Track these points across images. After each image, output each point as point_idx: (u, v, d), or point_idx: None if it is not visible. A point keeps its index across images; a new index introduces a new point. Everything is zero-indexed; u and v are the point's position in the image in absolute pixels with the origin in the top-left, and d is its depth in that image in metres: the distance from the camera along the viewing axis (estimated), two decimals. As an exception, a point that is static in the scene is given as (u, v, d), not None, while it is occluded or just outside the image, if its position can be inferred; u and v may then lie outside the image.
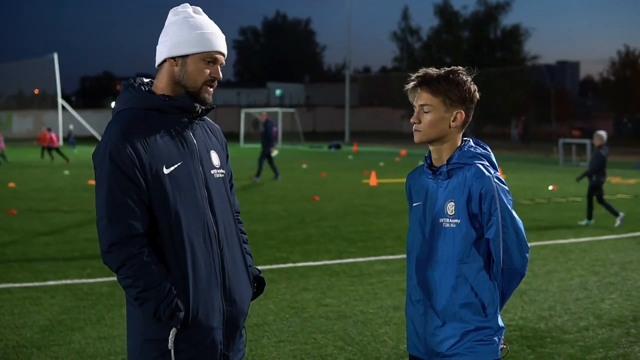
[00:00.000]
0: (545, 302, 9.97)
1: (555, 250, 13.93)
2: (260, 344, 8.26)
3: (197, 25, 3.79)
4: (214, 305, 3.75)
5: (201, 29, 3.78)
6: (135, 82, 3.87)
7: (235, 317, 3.86)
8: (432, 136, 4.01)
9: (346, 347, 8.16)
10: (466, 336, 3.92)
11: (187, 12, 3.84)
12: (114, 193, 3.59)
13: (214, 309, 3.75)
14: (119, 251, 3.59)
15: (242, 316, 3.93)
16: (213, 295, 3.75)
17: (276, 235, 15.99)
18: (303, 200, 22.92)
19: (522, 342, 8.28)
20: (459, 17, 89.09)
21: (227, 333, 3.83)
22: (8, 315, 9.36)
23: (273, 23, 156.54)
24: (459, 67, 4.06)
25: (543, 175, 32.31)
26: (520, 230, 3.92)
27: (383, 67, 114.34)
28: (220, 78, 3.87)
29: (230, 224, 3.92)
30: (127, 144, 3.59)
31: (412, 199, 4.21)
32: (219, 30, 3.86)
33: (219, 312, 3.77)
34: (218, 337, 3.78)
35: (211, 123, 4.09)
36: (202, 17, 3.85)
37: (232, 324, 3.85)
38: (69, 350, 8.02)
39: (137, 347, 3.73)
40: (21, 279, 11.49)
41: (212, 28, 3.83)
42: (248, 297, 3.99)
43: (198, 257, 3.70)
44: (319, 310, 9.67)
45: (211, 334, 3.74)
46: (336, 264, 12.76)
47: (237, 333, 3.91)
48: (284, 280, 11.39)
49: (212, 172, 3.86)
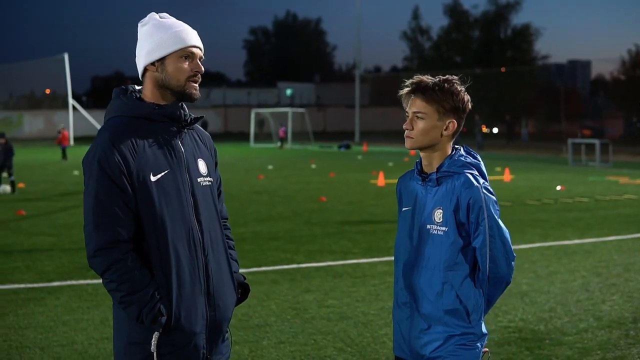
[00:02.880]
0: (546, 304, 10.00)
1: (559, 252, 13.93)
2: (261, 345, 8.32)
3: (167, 27, 3.87)
4: (197, 310, 3.82)
5: (171, 29, 3.86)
6: (127, 90, 3.94)
7: (218, 322, 3.93)
8: (423, 143, 4.07)
9: (346, 349, 8.22)
10: (450, 340, 3.99)
11: (154, 19, 3.93)
12: (101, 199, 3.68)
13: (197, 314, 3.82)
14: (105, 256, 3.67)
15: (226, 321, 4.00)
16: (197, 300, 3.82)
17: (281, 236, 16.06)
18: (310, 200, 22.98)
19: (521, 343, 8.32)
20: (469, 17, 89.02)
21: (210, 338, 3.90)
22: (12, 316, 9.45)
23: (283, 23, 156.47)
24: (454, 77, 4.12)
25: (552, 175, 32.24)
26: (506, 240, 3.98)
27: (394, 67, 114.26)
28: (202, 70, 3.94)
29: (215, 230, 3.99)
30: (116, 151, 3.67)
31: (401, 203, 4.28)
32: (189, 27, 3.94)
33: (202, 317, 3.85)
34: (201, 342, 3.85)
35: (201, 131, 4.15)
36: (169, 19, 3.94)
37: (215, 329, 3.92)
38: (71, 351, 8.11)
39: (121, 350, 3.81)
40: (26, 279, 11.59)
41: (182, 26, 3.91)
42: (232, 302, 4.06)
43: (182, 263, 3.78)
44: (320, 311, 9.73)
45: (194, 339, 3.81)
46: (340, 265, 12.82)
47: (220, 338, 3.98)
48: (287, 282, 11.46)
49: (199, 180, 3.93)
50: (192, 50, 3.89)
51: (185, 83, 3.87)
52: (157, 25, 3.88)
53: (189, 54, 3.88)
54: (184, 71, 3.86)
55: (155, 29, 3.87)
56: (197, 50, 3.91)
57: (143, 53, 3.89)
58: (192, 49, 3.89)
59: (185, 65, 3.86)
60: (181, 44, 3.85)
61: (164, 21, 3.91)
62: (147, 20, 3.95)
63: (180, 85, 3.87)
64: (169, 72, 3.85)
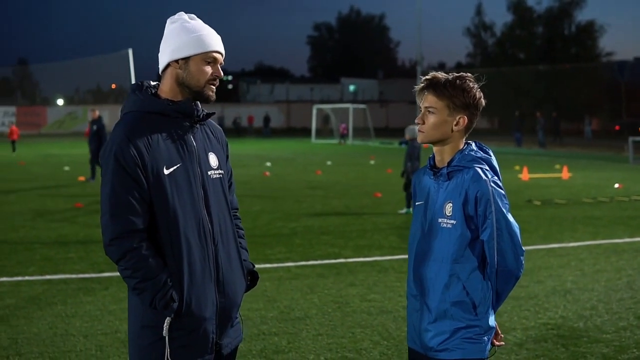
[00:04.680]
0: (589, 302, 9.98)
1: (607, 250, 13.84)
2: (299, 337, 8.47)
3: (195, 29, 4.06)
4: (207, 297, 3.99)
5: (199, 32, 4.05)
6: (142, 86, 4.13)
7: (227, 308, 4.10)
8: (434, 138, 4.17)
9: (382, 342, 8.32)
10: (456, 333, 4.07)
11: (183, 18, 4.12)
12: (117, 191, 3.86)
13: (207, 300, 3.99)
14: (119, 245, 3.86)
15: (235, 307, 4.17)
16: (207, 288, 4.00)
17: (332, 230, 16.20)
18: (365, 196, 23.05)
19: (557, 340, 8.34)
20: (533, 13, 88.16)
21: (220, 323, 4.08)
22: (61, 305, 9.71)
23: (347, 19, 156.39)
24: (468, 74, 4.21)
25: (610, 173, 31.88)
26: (515, 234, 4.03)
27: (458, 63, 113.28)
28: (222, 76, 4.16)
29: (225, 221, 4.16)
30: (131, 144, 3.85)
31: (415, 198, 4.38)
32: (215, 32, 4.12)
33: (212, 304, 4.02)
34: (210, 327, 4.02)
35: (213, 125, 4.33)
36: (198, 21, 4.13)
37: (224, 315, 4.09)
38: (114, 339, 8.32)
39: (135, 332, 4.01)
40: (78, 270, 11.88)
41: (208, 30, 4.10)
42: (241, 289, 4.24)
43: (193, 252, 3.96)
44: (362, 305, 9.83)
45: (204, 324, 3.99)
46: (386, 260, 12.91)
47: (230, 323, 4.16)
48: (332, 276, 11.59)
49: (209, 173, 4.11)
50: (215, 56, 4.08)
51: (204, 85, 4.06)
52: (186, 26, 4.07)
53: (213, 58, 4.07)
54: (206, 74, 4.05)
55: (184, 28, 4.05)
56: (219, 56, 4.11)
57: (169, 49, 4.07)
58: (215, 54, 4.08)
59: (208, 68, 4.06)
60: (207, 48, 4.04)
61: (193, 22, 4.10)
62: (177, 18, 4.13)
63: (199, 86, 4.06)
64: (191, 72, 4.04)
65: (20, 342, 8.24)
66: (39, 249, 13.72)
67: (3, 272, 11.74)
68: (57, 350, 7.99)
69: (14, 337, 8.40)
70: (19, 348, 8.06)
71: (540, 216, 18.47)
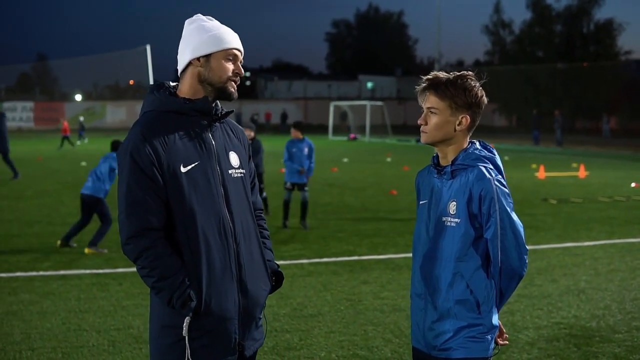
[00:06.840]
0: (602, 301, 9.95)
1: (622, 249, 13.78)
2: (312, 334, 8.49)
3: (213, 28, 4.12)
4: (227, 296, 3.98)
5: (218, 30, 4.11)
6: (161, 86, 4.17)
7: (250, 308, 4.09)
8: (437, 138, 4.17)
9: (394, 340, 8.33)
10: (460, 332, 4.07)
11: (201, 18, 4.18)
12: (133, 189, 3.89)
13: (228, 300, 3.98)
14: (136, 243, 3.88)
15: (258, 307, 4.15)
16: (228, 287, 3.99)
17: (347, 228, 16.21)
18: (381, 193, 23.07)
19: (570, 340, 8.32)
20: (552, 11, 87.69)
21: (243, 323, 4.06)
22: (74, 300, 9.77)
23: (365, 16, 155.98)
24: (469, 73, 4.21)
25: (628, 172, 31.67)
26: (518, 233, 4.03)
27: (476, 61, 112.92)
28: (243, 73, 4.18)
29: (247, 220, 4.16)
30: (147, 143, 3.88)
31: (419, 197, 4.38)
32: (232, 31, 4.17)
33: (234, 304, 4.01)
34: (232, 327, 4.01)
35: (234, 124, 4.34)
36: (215, 21, 4.18)
37: (247, 315, 4.07)
38: (126, 335, 8.37)
39: (156, 332, 4.02)
40: (92, 265, 11.94)
41: (226, 28, 4.16)
42: (265, 290, 4.22)
43: (213, 251, 3.95)
44: (374, 302, 9.85)
45: (224, 324, 3.97)
46: (400, 258, 12.91)
47: (253, 323, 4.14)
48: (346, 273, 11.61)
49: (230, 172, 4.11)
50: (235, 53, 4.13)
51: (226, 81, 4.09)
52: (204, 25, 4.12)
53: (233, 55, 4.12)
54: (227, 70, 4.09)
55: (203, 27, 4.11)
56: (239, 54, 4.16)
57: (190, 48, 4.11)
58: (236, 51, 4.13)
59: (229, 65, 4.10)
60: (228, 45, 4.09)
61: (211, 22, 4.16)
62: (195, 19, 4.19)
63: (222, 82, 4.09)
64: (212, 69, 4.07)
65: (33, 337, 8.29)
66: (54, 244, 13.77)
67: (18, 267, 11.82)
68: (69, 345, 8.04)
69: (27, 332, 8.46)
70: (32, 343, 8.11)
71: (556, 215, 18.43)
